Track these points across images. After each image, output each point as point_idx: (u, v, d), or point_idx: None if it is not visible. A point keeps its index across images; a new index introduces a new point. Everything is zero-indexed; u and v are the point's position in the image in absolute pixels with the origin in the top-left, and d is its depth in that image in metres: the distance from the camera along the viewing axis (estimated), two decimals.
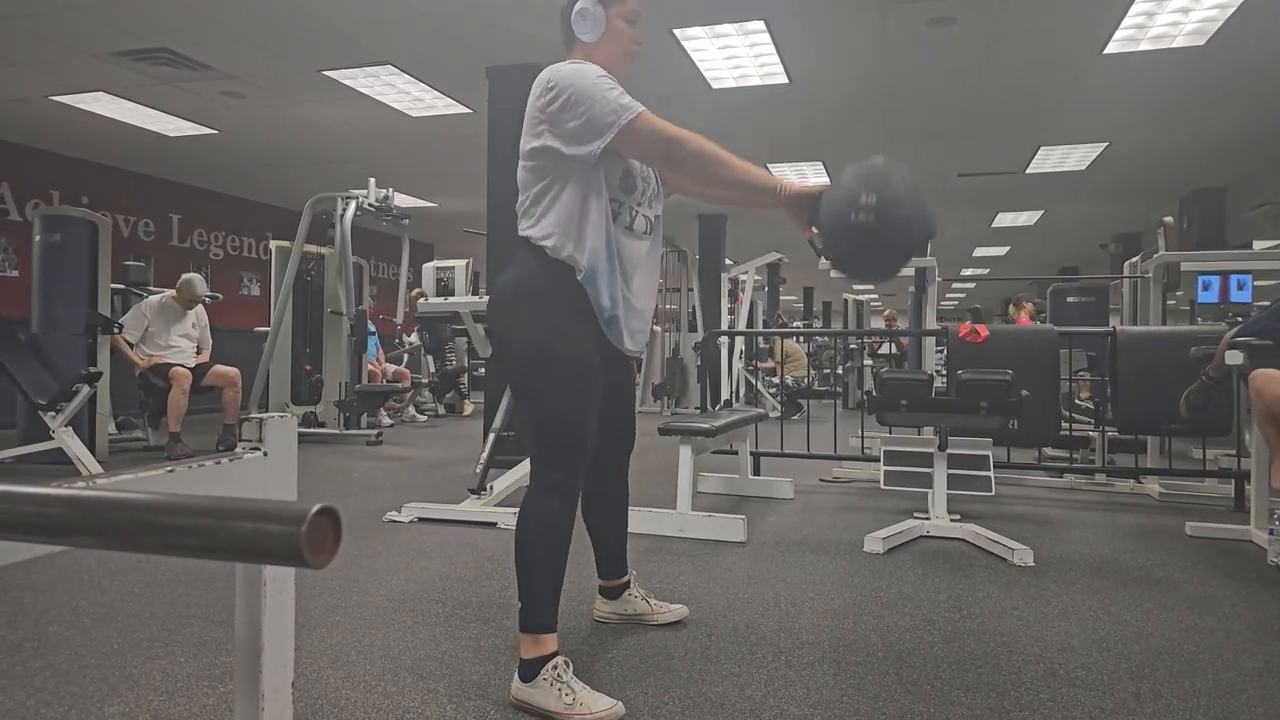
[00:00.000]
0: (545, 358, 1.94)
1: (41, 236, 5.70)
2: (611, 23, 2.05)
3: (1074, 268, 17.18)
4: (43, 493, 0.68)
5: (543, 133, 1.94)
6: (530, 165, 1.99)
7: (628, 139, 1.90)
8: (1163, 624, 2.49)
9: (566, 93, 1.89)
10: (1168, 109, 7.02)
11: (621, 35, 2.08)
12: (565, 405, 1.94)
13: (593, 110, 1.88)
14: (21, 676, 2.01)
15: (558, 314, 1.95)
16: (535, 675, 1.85)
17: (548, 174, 1.96)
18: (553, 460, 1.93)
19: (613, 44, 2.07)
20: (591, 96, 1.88)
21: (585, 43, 2.06)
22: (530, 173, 1.99)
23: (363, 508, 4.12)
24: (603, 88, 1.90)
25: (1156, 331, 4.60)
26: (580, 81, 1.90)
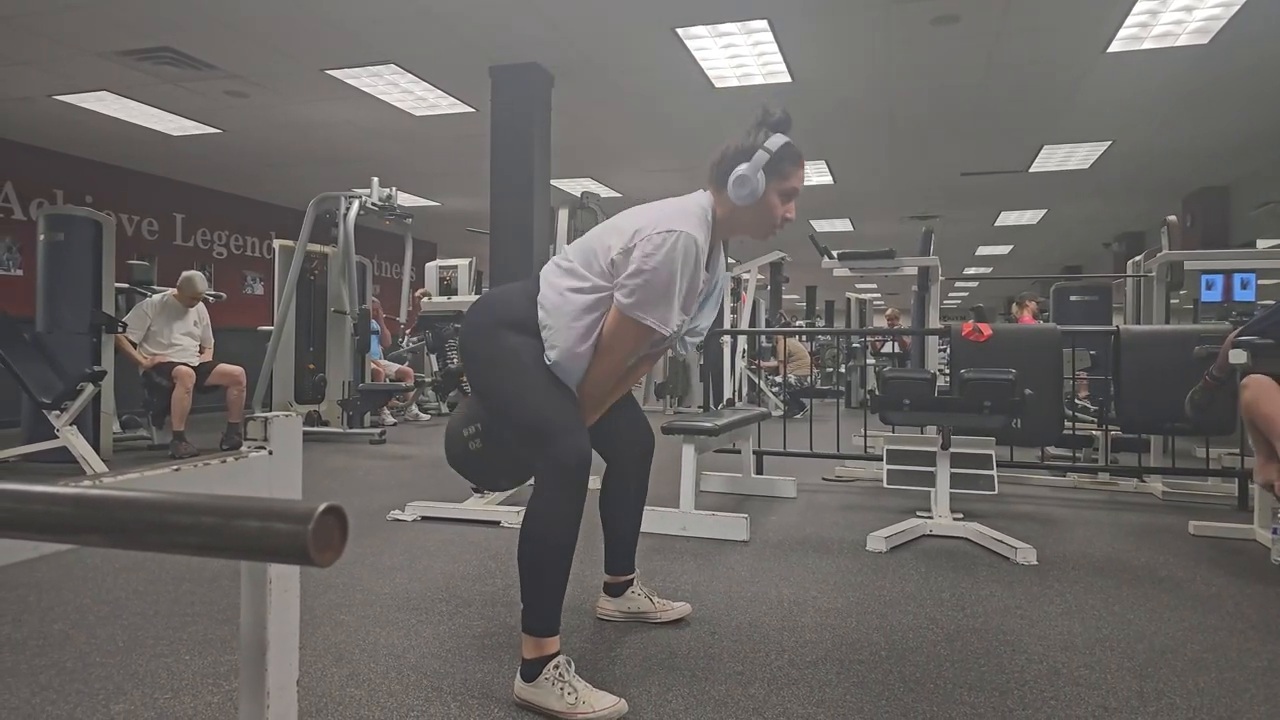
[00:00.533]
0: (514, 363, 1.96)
1: (46, 236, 5.71)
2: (768, 196, 2.04)
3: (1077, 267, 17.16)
4: (51, 491, 0.69)
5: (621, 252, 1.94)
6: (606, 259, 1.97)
7: (625, 321, 1.92)
8: (1166, 623, 2.49)
9: (646, 270, 1.88)
10: (1171, 108, 7.01)
11: (772, 210, 2.06)
12: (546, 398, 1.94)
13: (649, 298, 1.89)
14: (27, 674, 2.02)
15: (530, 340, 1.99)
16: (538, 674, 1.86)
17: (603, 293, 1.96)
18: (553, 454, 1.92)
19: (760, 214, 2.06)
20: (663, 296, 1.90)
21: (733, 202, 2.03)
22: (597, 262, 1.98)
23: (366, 506, 4.13)
24: (676, 297, 1.92)
25: (1160, 330, 4.59)
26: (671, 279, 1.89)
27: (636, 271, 1.89)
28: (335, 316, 7.74)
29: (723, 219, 2.06)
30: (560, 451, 1.91)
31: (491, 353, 1.98)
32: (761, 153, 2.01)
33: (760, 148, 2.01)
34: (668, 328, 1.93)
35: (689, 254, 1.90)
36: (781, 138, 2.04)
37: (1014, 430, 3.85)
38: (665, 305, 1.91)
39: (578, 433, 1.94)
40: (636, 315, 1.90)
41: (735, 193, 2.01)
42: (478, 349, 2.01)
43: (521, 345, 1.97)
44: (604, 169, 9.56)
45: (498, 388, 1.98)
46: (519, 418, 1.96)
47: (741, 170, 2.00)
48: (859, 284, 20.67)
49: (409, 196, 10.67)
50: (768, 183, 2.02)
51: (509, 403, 1.97)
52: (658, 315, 1.91)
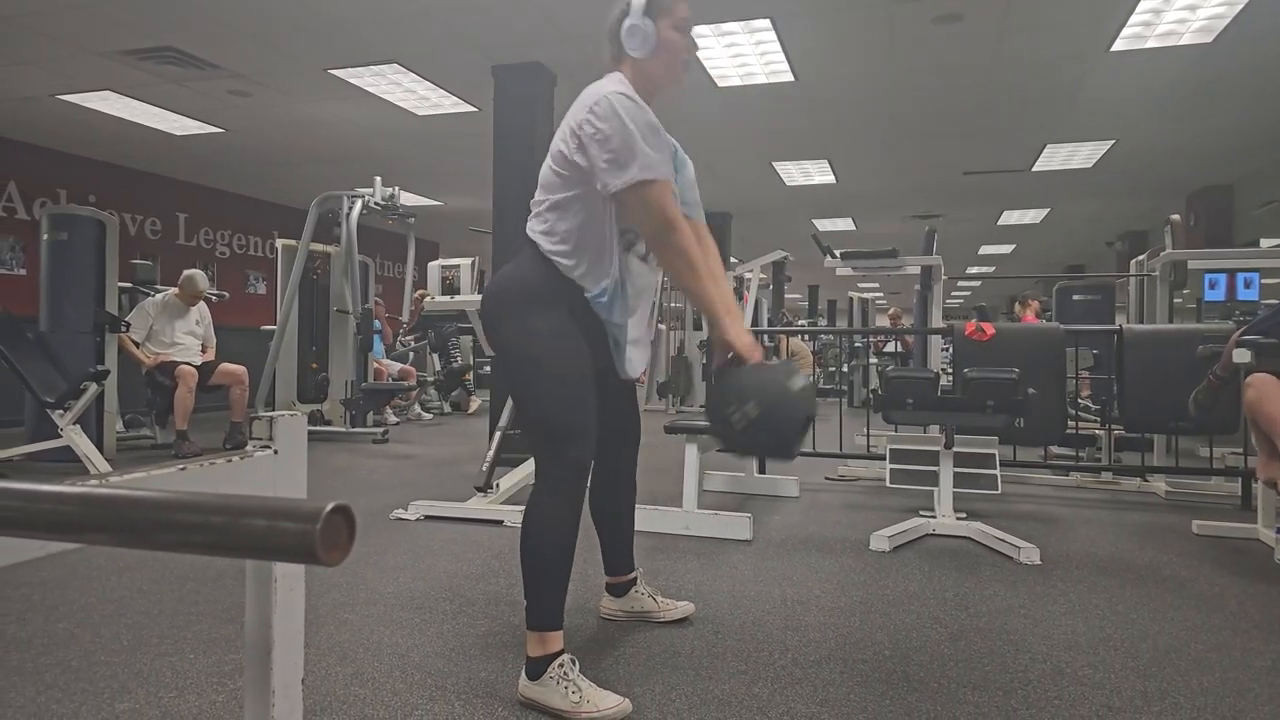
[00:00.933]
0: (539, 358, 1.94)
1: (49, 235, 5.72)
2: (663, 34, 2.04)
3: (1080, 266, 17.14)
4: (58, 490, 0.69)
5: (576, 149, 1.93)
6: (557, 170, 1.98)
7: (633, 198, 1.89)
8: (1170, 622, 2.49)
9: (605, 128, 1.88)
10: (1175, 106, 7.00)
11: (675, 45, 2.07)
12: (563, 403, 1.93)
13: (620, 157, 1.87)
14: (32, 673, 2.02)
15: (555, 316, 1.95)
16: (542, 673, 1.86)
17: (574, 187, 1.95)
18: (557, 457, 1.93)
19: (666, 55, 2.06)
20: (626, 144, 1.88)
21: (637, 58, 2.04)
22: (555, 177, 1.98)
23: (369, 506, 4.13)
24: (640, 140, 1.89)
25: (1163, 329, 4.59)
26: (623, 126, 1.88)
27: (598, 144, 1.88)
28: (338, 316, 7.75)
29: (637, 82, 2.05)
30: (566, 457, 1.93)
31: (511, 334, 1.97)
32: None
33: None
34: (661, 171, 1.90)
35: (623, 103, 1.91)
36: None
37: (1017, 429, 3.84)
38: (642, 153, 1.88)
39: (585, 439, 1.95)
40: (635, 179, 1.87)
41: (631, 45, 2.03)
42: (498, 330, 2.00)
43: (540, 326, 1.94)
44: None
45: (515, 375, 1.98)
46: (531, 412, 1.96)
47: (628, 22, 2.02)
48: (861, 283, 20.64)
49: (411, 196, 10.67)
50: (656, 24, 2.03)
51: (524, 394, 1.97)
52: (642, 164, 1.88)
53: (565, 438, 1.93)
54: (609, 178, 1.88)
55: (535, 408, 1.95)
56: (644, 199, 1.89)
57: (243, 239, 11.04)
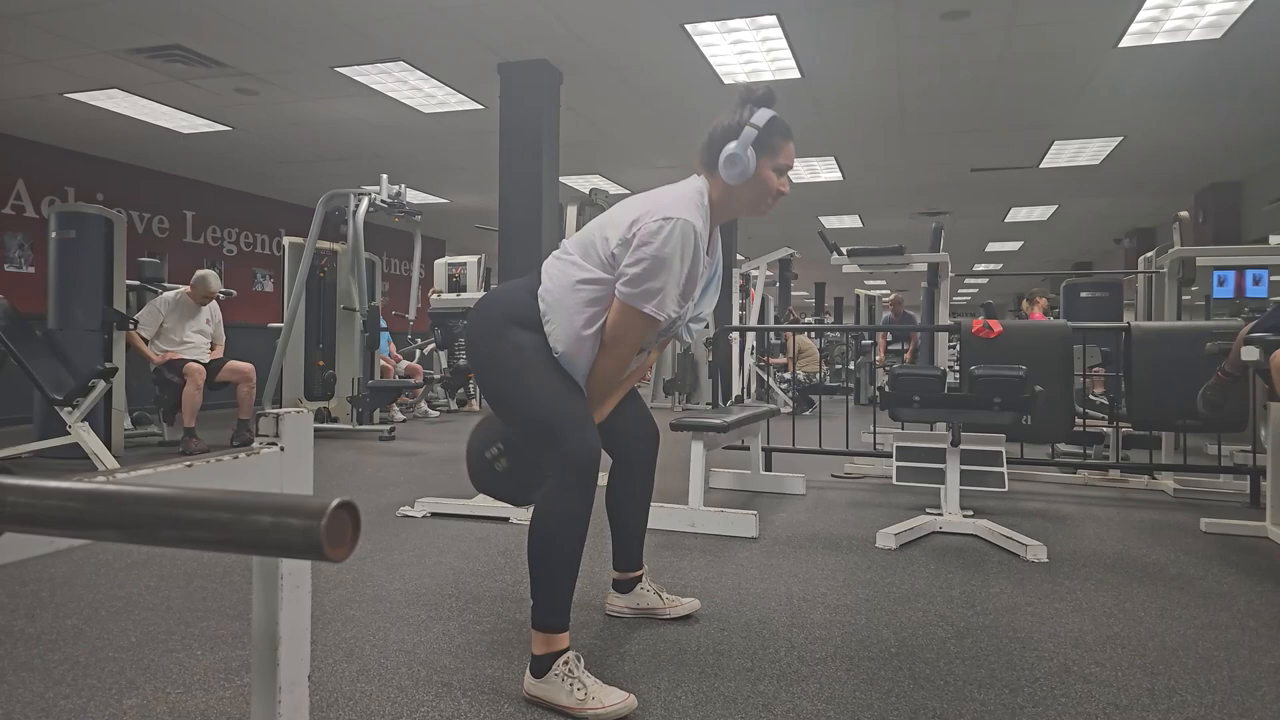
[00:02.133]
0: (526, 359, 1.96)
1: (57, 233, 5.74)
2: (761, 171, 2.04)
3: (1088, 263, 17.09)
4: (65, 486, 0.69)
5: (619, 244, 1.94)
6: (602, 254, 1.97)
7: (625, 309, 1.92)
8: (1177, 620, 2.48)
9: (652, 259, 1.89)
10: (1183, 103, 6.98)
11: (767, 185, 2.06)
12: (554, 394, 1.94)
13: (644, 281, 1.90)
14: (40, 669, 2.03)
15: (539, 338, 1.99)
16: (547, 670, 1.86)
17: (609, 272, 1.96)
18: (562, 451, 1.92)
19: (754, 190, 2.06)
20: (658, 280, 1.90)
21: (726, 182, 2.04)
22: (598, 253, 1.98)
23: (376, 503, 4.14)
24: (673, 283, 1.92)
25: (1171, 327, 4.57)
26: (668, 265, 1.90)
27: (636, 261, 1.89)
28: (345, 313, 7.76)
29: (718, 201, 2.06)
30: (571, 448, 1.90)
31: (497, 350, 1.98)
32: (749, 129, 2.01)
33: (747, 124, 2.02)
34: (668, 315, 1.94)
35: (688, 240, 1.91)
36: (768, 112, 2.04)
37: (1024, 427, 3.84)
38: (666, 293, 1.91)
39: (587, 429, 1.94)
40: (638, 305, 1.91)
41: (727, 172, 2.01)
42: (483, 346, 2.01)
43: (527, 341, 1.97)
44: (612, 166, 9.55)
45: (505, 385, 1.98)
46: (527, 414, 1.95)
47: (731, 149, 2.00)
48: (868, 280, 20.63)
49: (418, 193, 10.69)
50: (758, 159, 2.02)
51: (517, 399, 1.96)
52: (659, 304, 1.91)
53: (565, 427, 1.92)
54: (627, 286, 1.92)
55: (527, 406, 1.95)
56: (631, 319, 1.93)
57: (250, 237, 11.07)
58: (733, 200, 2.07)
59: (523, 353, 1.96)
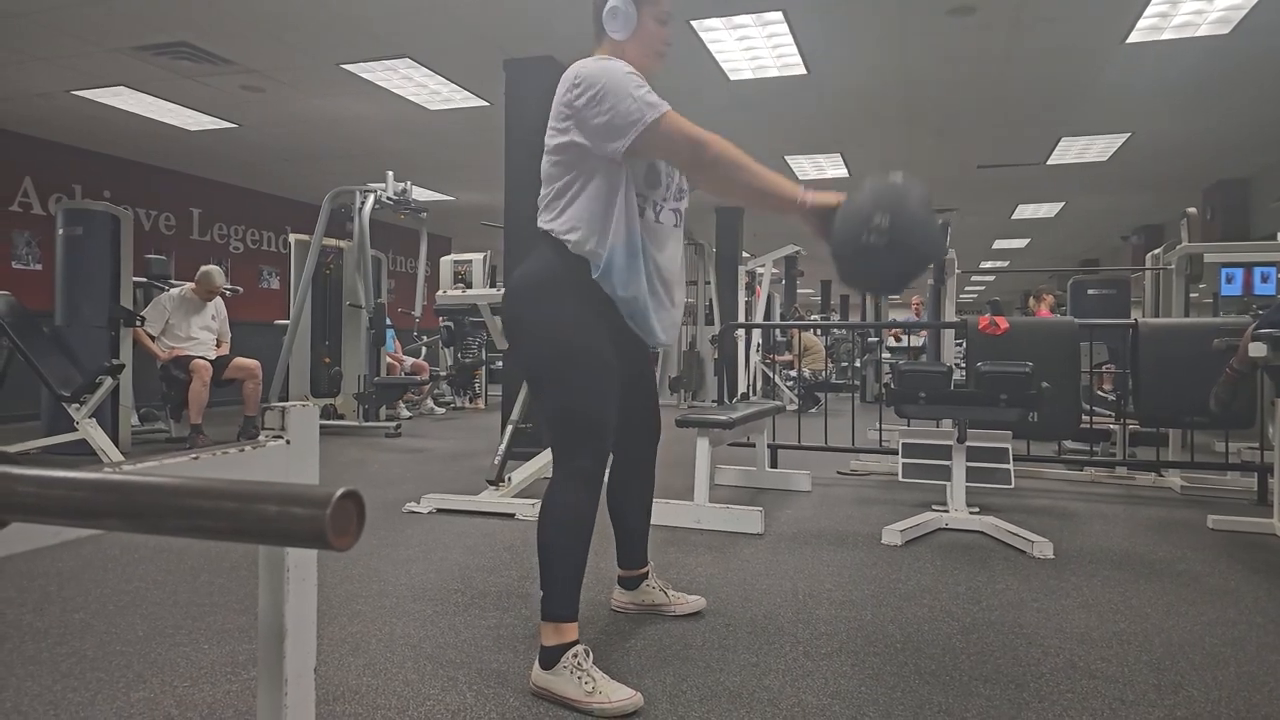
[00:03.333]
0: (561, 348, 1.94)
1: (64, 230, 5.76)
2: (643, 22, 2.05)
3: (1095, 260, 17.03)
4: (71, 476, 0.69)
5: (568, 128, 1.94)
6: (555, 160, 1.99)
7: (651, 139, 1.89)
8: (1184, 617, 2.48)
9: (593, 89, 1.89)
10: (1191, 99, 6.94)
11: (652, 35, 2.07)
12: (583, 395, 1.94)
13: (618, 108, 1.88)
14: (49, 662, 2.04)
15: (574, 306, 1.95)
16: (556, 662, 1.86)
17: (572, 169, 1.96)
18: (575, 450, 1.94)
19: (643, 43, 2.07)
20: (618, 94, 1.88)
21: (615, 40, 2.05)
22: (555, 167, 1.99)
23: (382, 498, 4.15)
24: (630, 85, 1.89)
25: (1178, 323, 4.55)
26: (608, 78, 1.90)
27: (590, 106, 1.89)
28: (351, 310, 7.78)
29: None
30: (585, 448, 1.94)
31: (531, 328, 1.98)
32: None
33: None
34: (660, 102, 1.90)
35: (599, 61, 1.94)
36: None
37: (1030, 424, 3.82)
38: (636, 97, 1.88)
39: (605, 430, 1.97)
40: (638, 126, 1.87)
41: (610, 26, 2.04)
42: (519, 324, 2.01)
43: (562, 318, 1.95)
44: None
45: (536, 367, 1.99)
46: (555, 410, 1.97)
47: (611, 3, 2.03)
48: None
49: (424, 191, 10.69)
50: (639, 10, 2.04)
51: (545, 386, 1.98)
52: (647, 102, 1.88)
53: (586, 429, 1.93)
54: (612, 136, 1.89)
55: (556, 399, 1.96)
56: (659, 137, 1.90)
57: (256, 234, 11.08)
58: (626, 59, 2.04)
59: (556, 332, 1.95)
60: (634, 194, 1.97)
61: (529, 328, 1.99)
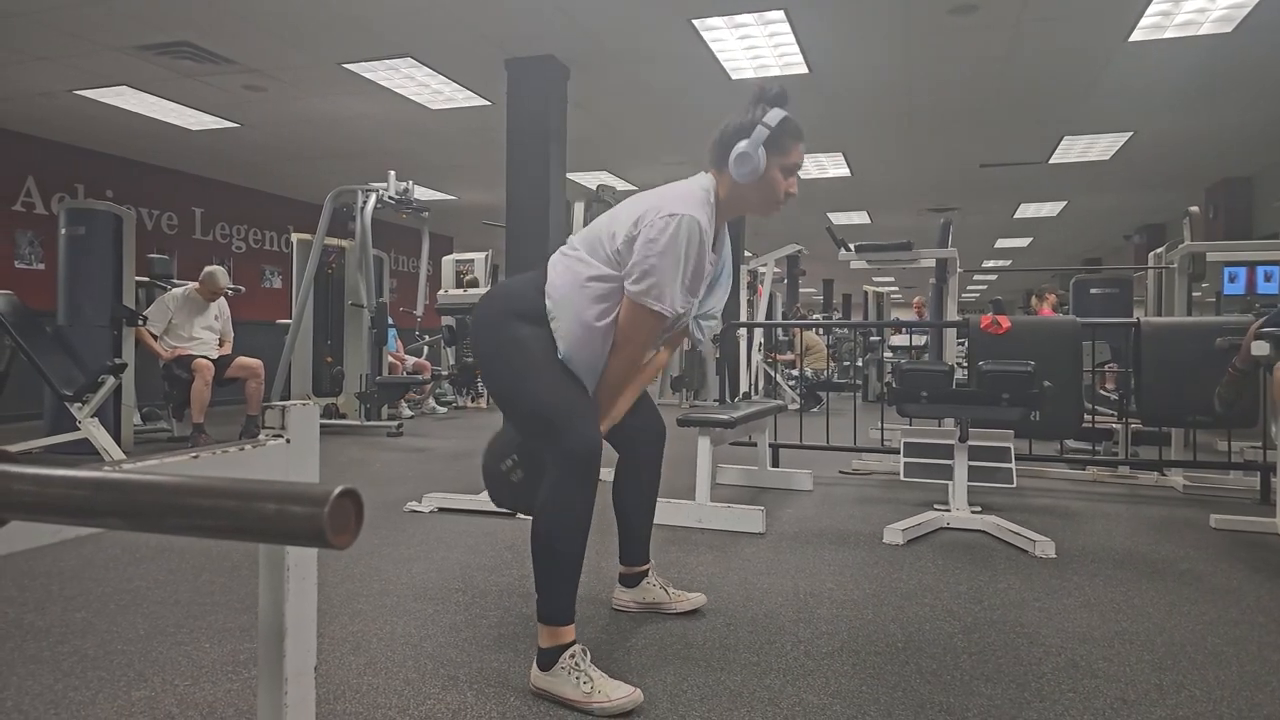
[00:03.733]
0: (527, 353, 1.96)
1: (67, 229, 5.76)
2: (770, 171, 2.03)
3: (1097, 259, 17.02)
4: (69, 474, 0.69)
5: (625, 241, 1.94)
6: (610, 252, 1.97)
7: (634, 307, 1.93)
8: (1186, 616, 2.47)
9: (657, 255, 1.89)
10: (1194, 97, 6.94)
11: (775, 185, 2.05)
12: (554, 387, 1.94)
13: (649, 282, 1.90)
14: (50, 661, 2.05)
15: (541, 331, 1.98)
16: (553, 664, 1.86)
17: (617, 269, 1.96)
18: (563, 445, 1.91)
19: (762, 190, 2.05)
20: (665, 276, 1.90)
21: (735, 180, 2.03)
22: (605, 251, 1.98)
23: (384, 498, 4.15)
24: (679, 279, 1.91)
25: (1181, 322, 4.55)
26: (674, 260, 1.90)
27: (642, 258, 1.90)
28: (353, 310, 7.78)
29: (725, 198, 2.06)
30: (571, 441, 1.90)
31: (500, 343, 1.98)
32: (761, 128, 2.00)
33: (760, 123, 2.01)
34: (674, 308, 1.93)
35: (693, 236, 1.90)
36: (780, 112, 2.04)
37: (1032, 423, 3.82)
38: (670, 289, 1.91)
39: (588, 422, 1.94)
40: (645, 301, 1.91)
41: (737, 171, 2.01)
42: (487, 340, 2.01)
43: (531, 335, 1.97)
44: (619, 162, 9.54)
45: (507, 378, 1.98)
46: (528, 408, 1.96)
47: (742, 147, 1.99)
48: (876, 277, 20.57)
49: (425, 190, 10.70)
50: (769, 158, 2.01)
51: (518, 392, 1.97)
52: (667, 299, 1.91)
53: (565, 421, 1.91)
54: (634, 284, 1.92)
55: (528, 400, 1.95)
56: (639, 317, 1.94)
57: (258, 233, 11.10)
58: (740, 199, 2.06)
59: (524, 347, 1.96)
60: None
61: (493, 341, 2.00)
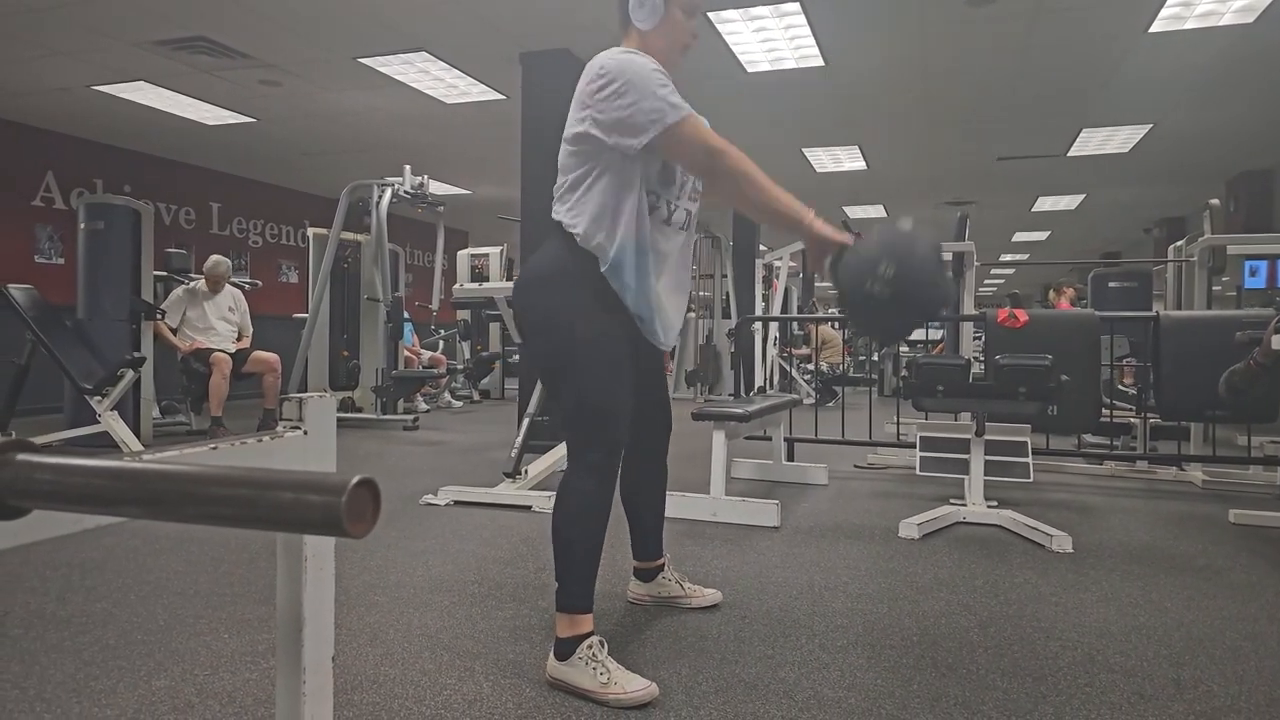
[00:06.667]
0: (573, 339, 1.94)
1: (86, 224, 5.81)
2: (670, 13, 2.03)
3: (1116, 252, 16.86)
4: (91, 464, 0.70)
5: (586, 119, 1.93)
6: (572, 150, 1.98)
7: (668, 141, 1.88)
8: (1204, 611, 2.45)
9: (616, 82, 1.88)
10: (1215, 89, 6.85)
11: (679, 27, 2.05)
12: (596, 385, 1.94)
13: (639, 104, 1.86)
14: (71, 650, 2.07)
15: (586, 298, 1.95)
16: (571, 654, 1.87)
17: (588, 160, 1.95)
18: (589, 441, 1.94)
19: (669, 35, 2.05)
20: (641, 90, 1.87)
21: (641, 30, 2.03)
22: (571, 157, 1.98)
23: (400, 491, 4.17)
24: (654, 83, 1.88)
25: (1200, 316, 4.51)
26: (632, 73, 1.88)
27: (612, 99, 1.88)
28: (369, 304, 7.81)
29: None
30: (600, 439, 1.93)
31: (543, 318, 1.98)
32: None
33: None
34: (683, 104, 1.89)
35: (633, 58, 1.90)
36: None
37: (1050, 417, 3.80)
38: (658, 96, 1.87)
39: (619, 420, 1.96)
40: (657, 127, 1.86)
41: (637, 16, 2.02)
42: (531, 314, 2.01)
43: (573, 308, 1.95)
44: None
45: (549, 358, 1.98)
46: (566, 394, 1.96)
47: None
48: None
49: (441, 184, 10.71)
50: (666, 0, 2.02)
51: (559, 377, 1.98)
52: (669, 102, 1.87)
53: (600, 419, 1.93)
54: (630, 133, 1.87)
55: (570, 389, 1.95)
56: (677, 141, 1.89)
57: (275, 228, 11.14)
58: (650, 51, 2.02)
59: (568, 322, 1.94)
60: (646, 191, 1.96)
61: (539, 320, 1.99)
